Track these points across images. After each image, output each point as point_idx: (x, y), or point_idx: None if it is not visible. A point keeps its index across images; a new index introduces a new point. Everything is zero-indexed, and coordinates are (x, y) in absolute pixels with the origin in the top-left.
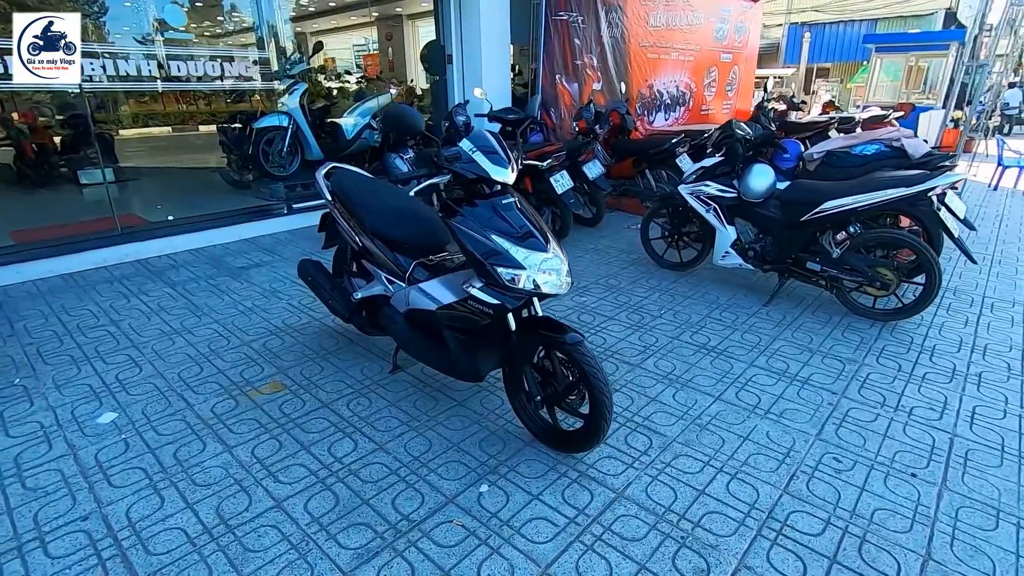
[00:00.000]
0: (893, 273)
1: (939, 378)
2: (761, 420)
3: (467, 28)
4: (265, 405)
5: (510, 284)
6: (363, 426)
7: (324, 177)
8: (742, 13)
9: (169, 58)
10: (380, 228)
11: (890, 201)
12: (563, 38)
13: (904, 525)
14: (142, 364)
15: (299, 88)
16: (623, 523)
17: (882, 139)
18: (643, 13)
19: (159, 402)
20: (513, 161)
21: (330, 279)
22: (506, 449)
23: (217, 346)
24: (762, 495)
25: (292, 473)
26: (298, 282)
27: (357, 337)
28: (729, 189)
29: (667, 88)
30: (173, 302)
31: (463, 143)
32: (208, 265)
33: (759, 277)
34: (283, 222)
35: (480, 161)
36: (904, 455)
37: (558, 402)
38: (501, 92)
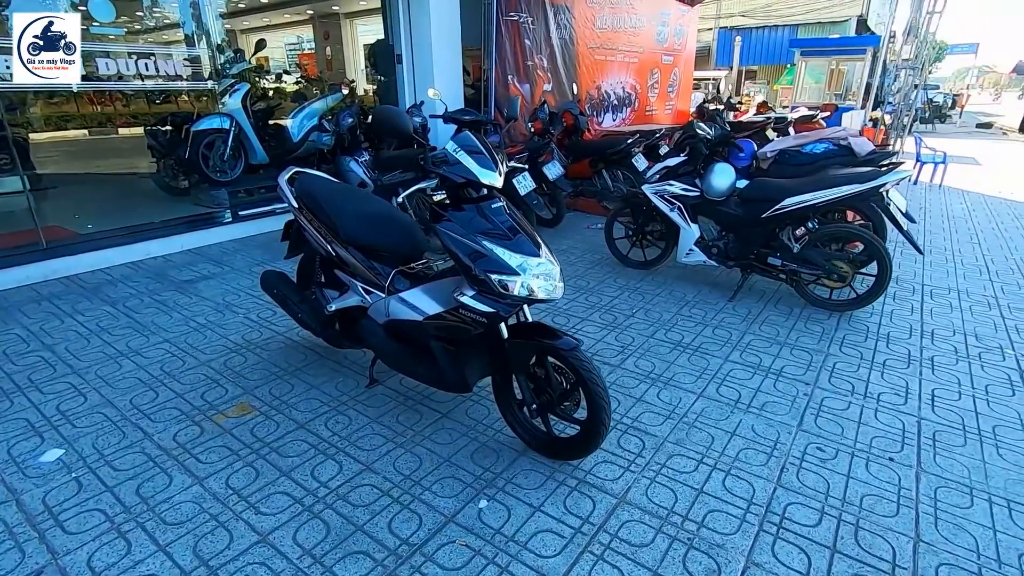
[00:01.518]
0: (849, 266)
1: (898, 364)
2: (744, 414)
3: (417, 27)
4: (234, 430)
5: (503, 291)
6: (346, 446)
7: (287, 182)
8: (681, 16)
9: (88, 56)
10: (355, 236)
11: (847, 197)
12: (514, 39)
13: (891, 509)
14: (86, 392)
15: (240, 88)
16: (629, 529)
17: (830, 138)
18: (590, 15)
19: (112, 434)
20: (500, 163)
21: (298, 291)
22: (500, 460)
23: (171, 368)
24: (757, 490)
25: (274, 503)
26: (254, 294)
27: (326, 350)
28: (692, 188)
29: (614, 89)
30: (114, 321)
31: (448, 145)
32: (150, 279)
33: (720, 273)
34: (229, 230)
35: (467, 164)
36: (880, 440)
37: (553, 409)
38: (453, 93)
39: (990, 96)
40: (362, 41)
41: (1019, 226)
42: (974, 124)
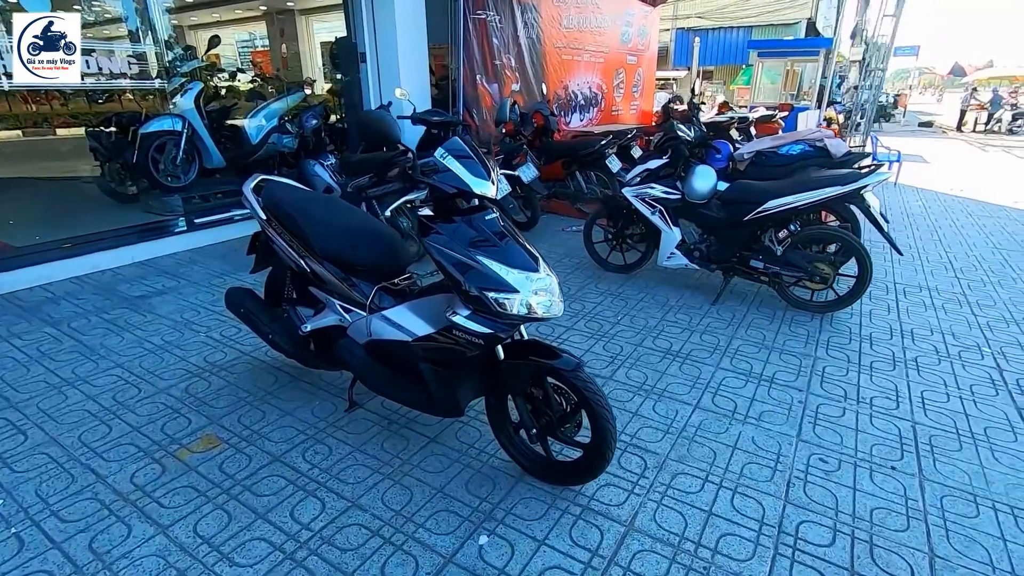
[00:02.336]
0: (830, 267)
1: (884, 366)
2: (743, 426)
3: (382, 24)
4: (201, 467)
5: (500, 310)
6: (327, 480)
7: (253, 191)
8: (644, 17)
9: None
10: (332, 250)
11: (830, 199)
12: (482, 37)
13: (902, 523)
14: (27, 429)
15: (194, 87)
16: (642, 560)
17: (806, 139)
18: (556, 14)
19: (58, 478)
20: (493, 171)
21: (267, 309)
22: (497, 489)
23: (125, 397)
24: (767, 508)
25: (251, 551)
26: (215, 310)
27: (298, 371)
28: (673, 191)
29: (581, 89)
30: (58, 345)
31: (437, 152)
32: (97, 296)
33: (701, 276)
34: (184, 240)
35: (459, 172)
36: (879, 448)
37: (553, 432)
38: (421, 93)
39: (932, 96)
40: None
41: (974, 223)
42: (916, 123)
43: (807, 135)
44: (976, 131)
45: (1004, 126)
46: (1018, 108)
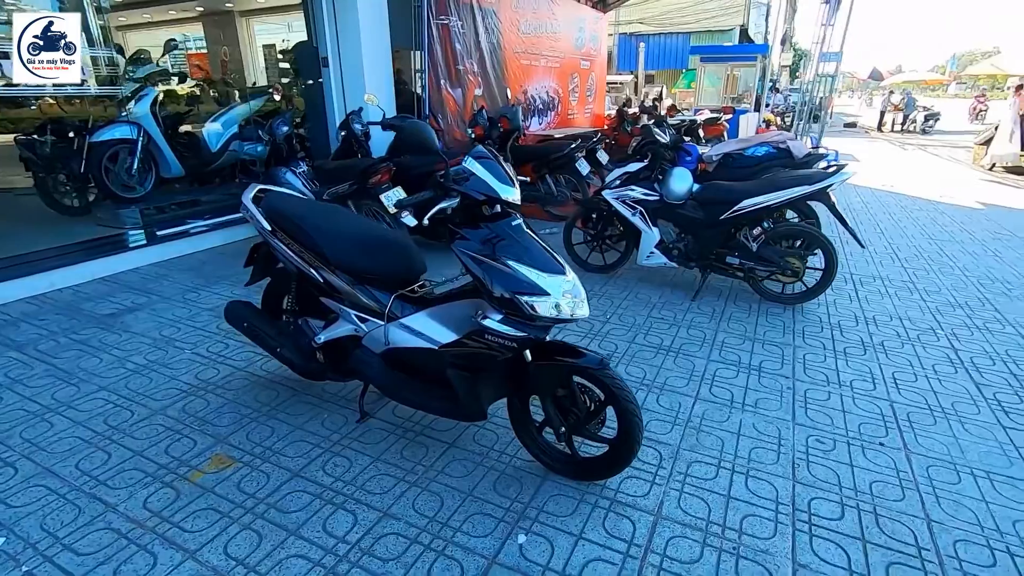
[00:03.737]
0: (800, 261)
1: (856, 351)
2: (742, 413)
3: (344, 28)
4: (217, 487)
5: (534, 312)
6: (354, 492)
7: (253, 202)
8: (595, 23)
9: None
10: (348, 260)
11: (799, 197)
12: (445, 42)
13: (898, 494)
14: (15, 461)
15: (149, 94)
16: (676, 546)
17: (770, 142)
18: (515, 20)
19: (63, 510)
20: (514, 178)
21: (273, 323)
22: (524, 489)
23: (118, 421)
24: (779, 489)
25: (290, 569)
26: (196, 325)
27: (299, 384)
28: (652, 192)
29: (539, 94)
30: (28, 370)
31: (467, 160)
32: (61, 316)
33: (677, 273)
34: (146, 254)
35: (487, 179)
36: (866, 426)
37: (579, 431)
38: (386, 98)
39: (852, 98)
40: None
41: (908, 216)
42: (842, 124)
43: (771, 138)
44: (894, 131)
45: (918, 126)
46: (929, 110)
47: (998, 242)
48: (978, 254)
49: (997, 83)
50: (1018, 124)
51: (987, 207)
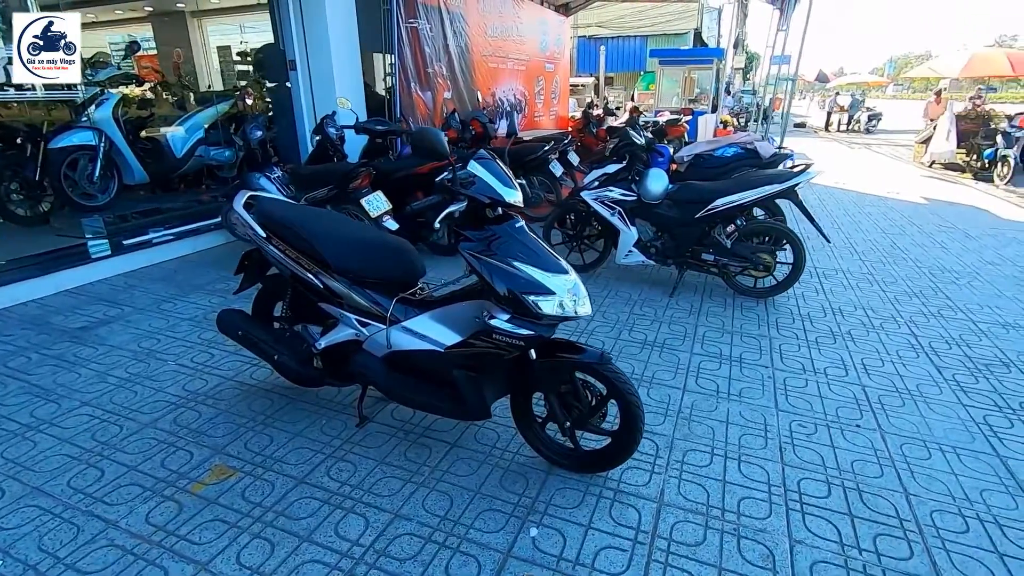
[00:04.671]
0: (771, 257)
1: (826, 340)
2: (728, 403)
3: (312, 31)
4: (221, 498)
5: (540, 311)
6: (362, 495)
7: (244, 208)
8: (558, 26)
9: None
10: (349, 265)
11: (769, 195)
12: (415, 46)
13: (877, 471)
14: (1, 483)
15: (111, 98)
16: (680, 531)
17: (738, 142)
18: (482, 23)
19: (60, 529)
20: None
21: (270, 330)
22: (531, 484)
23: (107, 436)
24: (770, 472)
25: (308, 574)
26: (176, 336)
27: (292, 391)
28: (629, 193)
29: (507, 96)
30: (1, 388)
31: (472, 164)
32: (30, 331)
33: (652, 271)
34: (113, 264)
35: (491, 183)
36: (843, 410)
37: (583, 425)
38: (357, 102)
39: (811, 100)
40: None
41: (861, 211)
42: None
43: (739, 139)
44: (841, 131)
45: (862, 126)
46: (872, 110)
47: (943, 234)
48: (927, 246)
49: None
50: (954, 124)
51: (930, 202)
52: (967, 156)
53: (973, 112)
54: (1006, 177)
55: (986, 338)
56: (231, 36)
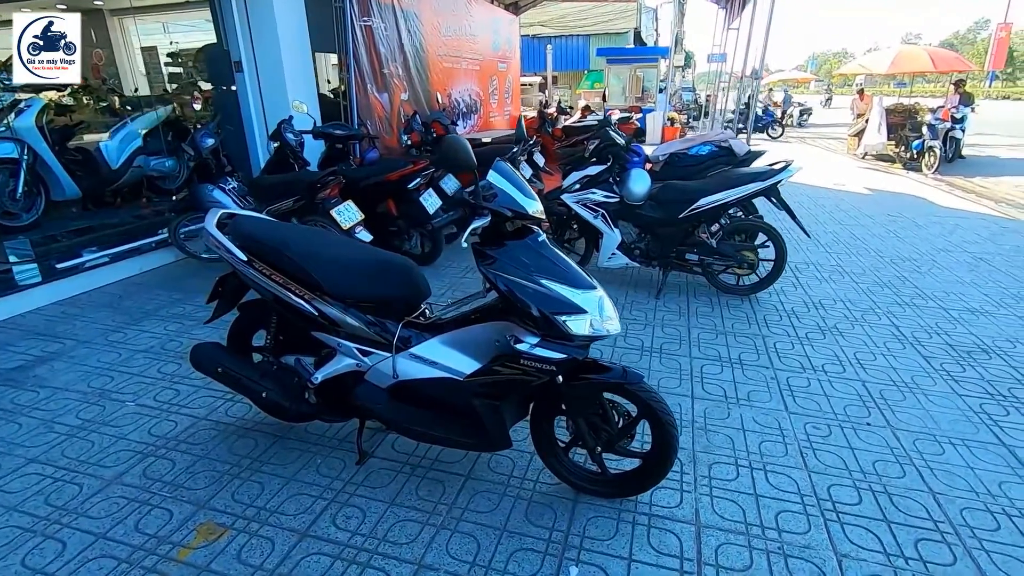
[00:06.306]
0: (754, 254)
1: (816, 335)
2: (739, 408)
3: (259, 29)
4: (214, 564)
5: (572, 332)
6: (377, 545)
7: (218, 228)
8: (509, 25)
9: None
10: (348, 289)
11: (752, 194)
12: (369, 45)
13: (899, 471)
14: None
15: (34, 105)
16: (726, 555)
17: (713, 141)
18: (436, 22)
19: None
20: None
21: (254, 365)
22: (559, 515)
23: (64, 499)
24: (798, 481)
25: None
26: (130, 371)
27: (278, 428)
28: (612, 194)
29: (462, 97)
30: None
31: (491, 176)
32: None
33: (634, 273)
34: (45, 292)
35: (513, 195)
36: (851, 408)
37: (613, 448)
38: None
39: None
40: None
41: (815, 204)
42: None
43: (713, 137)
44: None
45: (795, 120)
46: (803, 105)
47: (894, 223)
48: (883, 236)
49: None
50: (884, 118)
51: (874, 192)
52: (896, 147)
53: (867, 103)
54: (933, 166)
55: (960, 325)
56: (156, 36)
